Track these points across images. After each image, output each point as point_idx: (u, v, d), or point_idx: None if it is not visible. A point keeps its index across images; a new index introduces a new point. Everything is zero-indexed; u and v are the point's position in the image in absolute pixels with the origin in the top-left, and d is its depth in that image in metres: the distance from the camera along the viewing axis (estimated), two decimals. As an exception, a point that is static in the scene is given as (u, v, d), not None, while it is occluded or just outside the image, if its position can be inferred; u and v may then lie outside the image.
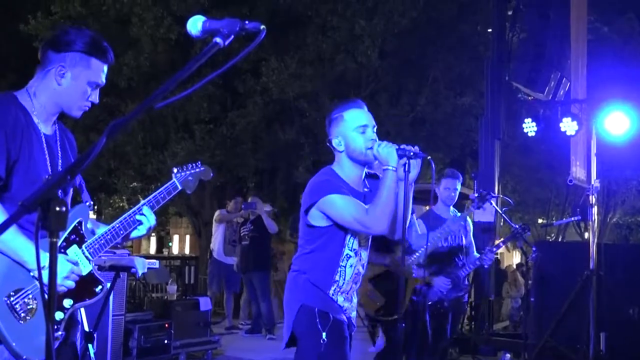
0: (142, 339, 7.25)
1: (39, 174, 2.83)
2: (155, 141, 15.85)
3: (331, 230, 3.57)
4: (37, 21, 13.70)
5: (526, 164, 19.47)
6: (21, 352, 2.66)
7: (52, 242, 1.72)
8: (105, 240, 2.95)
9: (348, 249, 3.61)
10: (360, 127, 3.59)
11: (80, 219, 2.93)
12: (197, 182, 3.32)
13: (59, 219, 1.70)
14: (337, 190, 3.51)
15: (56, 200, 1.69)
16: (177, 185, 3.20)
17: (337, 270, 3.59)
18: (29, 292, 2.73)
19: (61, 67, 2.88)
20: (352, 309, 3.74)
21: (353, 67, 14.38)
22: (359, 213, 3.46)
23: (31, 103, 2.91)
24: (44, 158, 2.89)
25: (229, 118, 15.32)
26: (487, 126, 9.99)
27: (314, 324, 3.52)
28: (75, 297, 2.86)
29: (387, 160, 3.45)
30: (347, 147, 3.62)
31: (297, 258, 3.71)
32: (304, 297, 3.59)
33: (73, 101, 2.95)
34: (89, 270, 2.90)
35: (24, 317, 2.70)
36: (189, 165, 3.29)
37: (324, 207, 3.51)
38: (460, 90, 15.48)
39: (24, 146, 2.80)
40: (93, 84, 2.96)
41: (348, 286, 3.64)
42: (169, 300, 8.11)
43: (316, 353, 3.50)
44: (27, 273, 2.73)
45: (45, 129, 2.95)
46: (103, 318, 6.08)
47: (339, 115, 3.65)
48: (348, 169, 3.66)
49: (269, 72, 14.55)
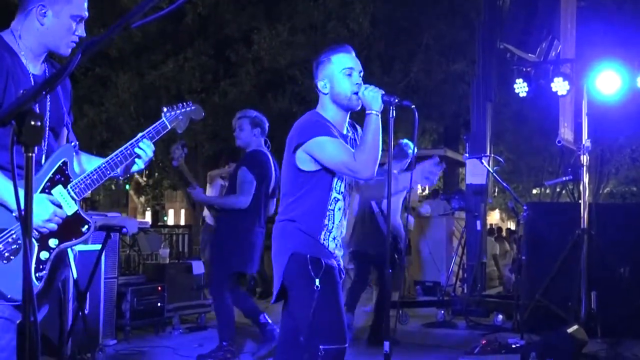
0: (135, 302, 7.28)
1: None
2: (148, 112, 15.76)
3: (319, 174, 3.54)
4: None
5: (519, 131, 19.46)
6: (5, 292, 2.66)
7: (27, 157, 1.71)
8: (91, 180, 2.93)
9: (336, 192, 3.58)
10: (347, 69, 3.58)
11: (65, 159, 2.90)
12: (188, 121, 3.29)
13: (35, 133, 1.69)
14: (326, 132, 3.48)
15: (31, 114, 1.68)
16: (166, 125, 3.18)
17: (326, 214, 3.56)
18: (13, 232, 2.72)
19: (41, 7, 2.84)
20: (341, 256, 3.71)
21: (345, 34, 14.28)
22: (347, 157, 3.44)
23: (16, 43, 2.88)
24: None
25: (221, 87, 15.28)
26: (479, 88, 9.97)
27: (306, 271, 3.47)
28: (60, 237, 2.84)
29: (371, 105, 3.45)
30: (331, 90, 3.61)
31: (285, 206, 3.65)
32: (293, 245, 3.54)
33: (59, 39, 2.91)
34: (74, 210, 2.89)
35: (7, 256, 2.69)
36: (179, 105, 3.27)
37: (312, 148, 3.48)
38: (452, 57, 15.40)
39: (9, 86, 2.77)
40: (77, 18, 2.91)
41: (337, 231, 3.61)
42: (162, 263, 8.11)
43: (310, 300, 3.44)
44: (10, 214, 2.71)
45: (33, 69, 2.92)
46: (95, 280, 6.11)
47: (327, 58, 3.63)
48: (332, 112, 3.64)
49: (261, 40, 14.50)
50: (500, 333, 7.80)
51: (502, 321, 8.59)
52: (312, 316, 3.44)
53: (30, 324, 1.70)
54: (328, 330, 3.46)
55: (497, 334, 7.72)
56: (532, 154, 21.79)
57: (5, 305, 2.69)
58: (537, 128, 18.09)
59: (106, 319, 6.77)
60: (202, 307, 8.30)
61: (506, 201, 26.80)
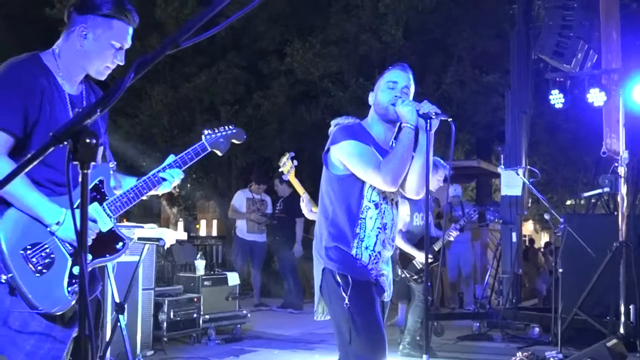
0: (172, 313, 7.33)
1: None
2: (181, 124, 15.93)
3: (349, 180, 3.54)
4: (63, 5, 13.76)
5: (554, 143, 19.27)
6: (37, 304, 2.70)
7: (84, 174, 1.74)
8: (127, 199, 2.97)
9: (367, 200, 3.56)
10: (391, 82, 3.61)
11: (101, 178, 2.95)
12: (229, 144, 3.31)
13: (89, 150, 1.72)
14: (356, 137, 3.50)
15: (86, 132, 1.71)
16: (206, 147, 3.22)
17: (358, 223, 3.54)
18: (46, 246, 2.76)
19: (83, 29, 2.88)
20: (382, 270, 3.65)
21: (377, 46, 14.32)
22: (372, 165, 3.44)
23: (55, 63, 2.92)
24: (67, 118, 2.86)
25: (254, 99, 15.35)
26: (514, 99, 9.91)
27: (336, 288, 3.48)
28: (95, 253, 2.88)
29: (406, 117, 3.46)
30: (375, 100, 3.65)
31: (320, 213, 3.67)
32: (325, 260, 3.55)
33: (96, 63, 2.94)
34: (109, 227, 2.92)
35: (40, 270, 2.73)
36: (221, 128, 3.29)
37: (340, 151, 3.50)
38: (485, 68, 15.34)
39: (44, 106, 2.81)
40: (117, 45, 2.94)
41: (371, 240, 3.56)
42: (197, 275, 8.16)
43: (342, 317, 3.45)
44: (44, 228, 2.76)
45: (70, 89, 2.95)
46: (133, 291, 6.15)
47: (385, 72, 3.69)
48: (376, 126, 3.66)
49: (294, 52, 14.55)
50: (538, 346, 7.73)
51: (539, 334, 8.51)
52: (345, 333, 3.45)
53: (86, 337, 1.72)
54: (362, 347, 3.44)
55: (534, 347, 7.66)
56: (566, 165, 21.56)
57: (40, 319, 2.74)
58: (571, 139, 17.93)
59: (143, 329, 6.82)
60: (238, 317, 8.34)
61: (540, 212, 26.51)
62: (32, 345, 2.74)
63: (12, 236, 2.72)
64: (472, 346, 8.26)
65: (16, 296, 2.70)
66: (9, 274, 2.68)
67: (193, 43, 1.82)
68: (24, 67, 2.84)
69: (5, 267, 2.69)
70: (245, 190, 11.52)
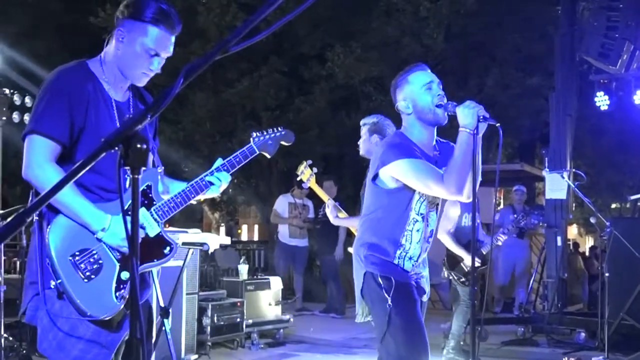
0: (215, 317, 7.38)
1: None
2: (224, 129, 16.03)
3: (399, 194, 3.52)
4: (107, 13, 13.95)
5: (598, 146, 19.02)
6: (86, 309, 2.72)
7: (134, 179, 1.76)
8: (174, 204, 2.98)
9: (415, 213, 3.55)
10: (426, 84, 3.57)
11: (149, 183, 2.95)
12: (278, 146, 3.29)
13: (140, 156, 1.74)
14: (410, 154, 3.45)
15: (137, 138, 1.73)
16: (254, 149, 3.20)
17: (404, 234, 3.54)
18: (94, 252, 2.78)
19: (121, 32, 2.89)
20: (421, 272, 3.69)
21: (418, 49, 14.26)
22: (434, 178, 3.39)
23: (101, 69, 2.93)
24: (113, 125, 2.87)
25: (295, 104, 15.39)
26: (558, 102, 9.79)
27: (378, 290, 3.49)
28: (143, 258, 2.88)
29: (466, 121, 3.37)
30: (414, 107, 3.58)
31: (364, 222, 3.67)
32: (367, 263, 3.56)
33: (130, 67, 2.92)
34: (157, 232, 2.93)
35: (88, 275, 2.75)
36: (269, 130, 3.27)
37: (396, 171, 3.45)
38: (529, 70, 15.18)
39: (90, 113, 2.82)
40: (151, 52, 2.89)
41: (416, 251, 3.59)
42: (241, 279, 8.20)
43: (385, 319, 3.45)
44: (91, 235, 2.78)
45: (116, 95, 2.95)
46: (177, 296, 6.21)
47: (404, 79, 3.64)
48: (418, 132, 3.61)
49: (334, 57, 14.56)
50: (584, 352, 7.62)
51: (585, 339, 8.39)
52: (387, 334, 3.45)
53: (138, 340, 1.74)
54: (404, 348, 3.44)
55: (580, 352, 7.55)
56: (611, 168, 21.24)
57: (88, 326, 2.76)
58: (616, 142, 17.67)
59: (187, 334, 6.88)
60: (281, 322, 8.37)
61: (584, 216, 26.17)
62: (80, 349, 2.76)
63: (61, 243, 2.75)
64: (517, 351, 8.17)
65: (64, 300, 2.72)
66: (57, 280, 2.71)
67: (240, 49, 1.84)
68: (71, 74, 2.87)
69: (54, 273, 2.72)
70: (288, 195, 11.50)
